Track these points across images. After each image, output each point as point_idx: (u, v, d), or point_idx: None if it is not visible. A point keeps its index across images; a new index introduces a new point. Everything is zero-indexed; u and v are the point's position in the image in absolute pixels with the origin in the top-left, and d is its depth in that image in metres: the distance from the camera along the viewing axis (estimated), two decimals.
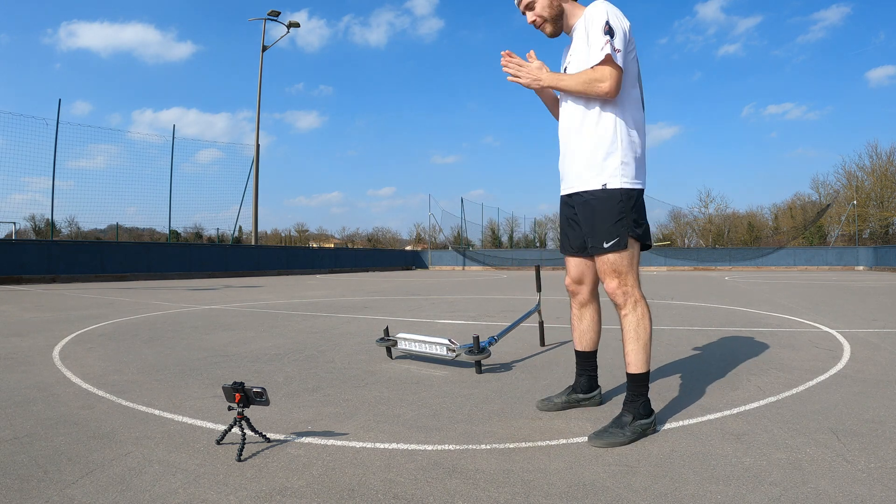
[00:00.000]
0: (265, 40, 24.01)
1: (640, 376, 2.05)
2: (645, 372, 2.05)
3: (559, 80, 2.08)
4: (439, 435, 2.03)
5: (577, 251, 2.27)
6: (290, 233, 51.05)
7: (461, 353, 3.10)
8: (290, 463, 1.76)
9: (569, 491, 1.54)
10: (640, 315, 2.06)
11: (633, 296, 2.06)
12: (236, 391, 1.86)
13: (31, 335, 4.58)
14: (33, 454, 1.82)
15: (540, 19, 2.17)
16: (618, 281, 2.05)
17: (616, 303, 2.08)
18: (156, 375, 3.04)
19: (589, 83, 2.01)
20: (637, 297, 2.07)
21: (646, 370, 2.05)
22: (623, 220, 2.04)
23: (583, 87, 2.02)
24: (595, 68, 2.00)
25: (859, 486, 1.54)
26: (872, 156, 37.38)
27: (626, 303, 2.06)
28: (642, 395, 2.04)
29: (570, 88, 2.06)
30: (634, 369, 2.05)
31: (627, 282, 2.06)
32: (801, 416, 2.21)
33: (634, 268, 2.09)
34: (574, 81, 2.04)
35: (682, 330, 4.88)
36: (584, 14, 2.11)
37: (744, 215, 42.39)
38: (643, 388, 2.05)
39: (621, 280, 2.05)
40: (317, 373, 3.12)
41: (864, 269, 26.07)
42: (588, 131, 2.09)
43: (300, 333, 4.72)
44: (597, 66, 2.00)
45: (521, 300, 8.50)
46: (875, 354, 3.58)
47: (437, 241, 40.06)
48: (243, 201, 22.88)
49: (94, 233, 24.32)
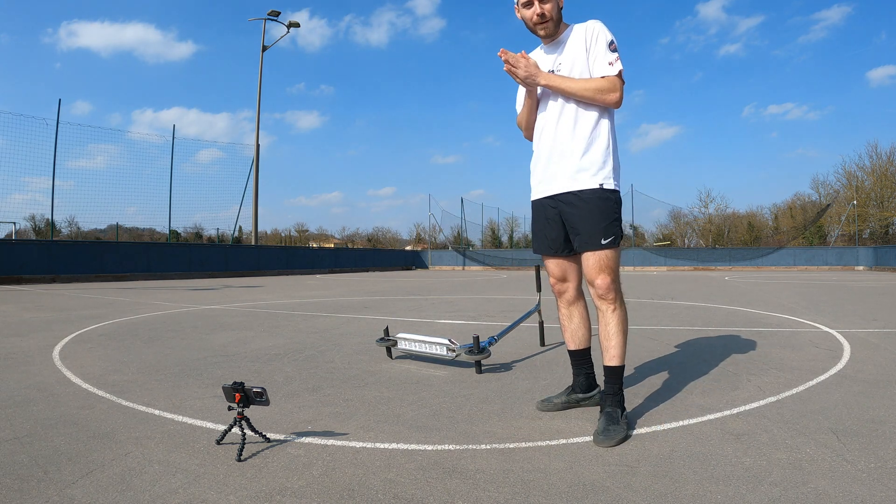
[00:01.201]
0: (265, 40, 24.04)
1: (622, 369, 2.17)
2: (624, 364, 2.19)
3: (563, 82, 2.15)
4: (439, 435, 2.03)
5: (556, 251, 2.33)
6: (290, 233, 51.06)
7: (461, 353, 3.10)
8: (290, 463, 1.76)
9: (569, 491, 1.54)
10: (624, 310, 2.19)
11: (619, 292, 2.18)
12: (236, 391, 1.86)
13: (31, 335, 4.58)
14: (33, 454, 1.82)
15: (550, 14, 2.19)
16: (610, 278, 2.14)
17: (605, 300, 2.15)
18: (156, 375, 3.04)
19: (599, 91, 2.12)
20: (621, 293, 2.19)
21: (624, 363, 2.19)
22: (618, 219, 2.17)
23: (591, 93, 2.13)
24: (607, 79, 2.12)
25: (859, 486, 1.54)
26: (872, 156, 37.44)
27: (615, 299, 2.15)
28: (622, 387, 2.17)
29: (575, 92, 2.14)
30: (618, 362, 2.16)
31: (616, 279, 2.17)
32: (801, 416, 2.21)
33: (619, 264, 2.22)
34: (580, 86, 2.14)
35: (683, 330, 4.88)
36: (584, 27, 2.22)
37: (744, 215, 42.42)
38: (622, 381, 2.17)
39: (612, 277, 2.15)
40: (317, 373, 3.12)
41: (863, 269, 26.07)
42: (583, 135, 2.17)
43: (300, 333, 4.73)
44: (609, 78, 2.12)
45: (521, 300, 8.50)
46: (875, 354, 3.58)
47: (437, 241, 40.08)
48: (243, 201, 22.93)
49: (94, 233, 24.33)
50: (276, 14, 23.56)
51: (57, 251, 15.34)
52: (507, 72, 2.19)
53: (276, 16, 23.58)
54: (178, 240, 24.37)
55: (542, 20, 2.20)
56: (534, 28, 2.24)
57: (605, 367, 2.16)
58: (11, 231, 20.35)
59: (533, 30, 2.25)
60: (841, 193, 36.99)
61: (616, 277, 2.16)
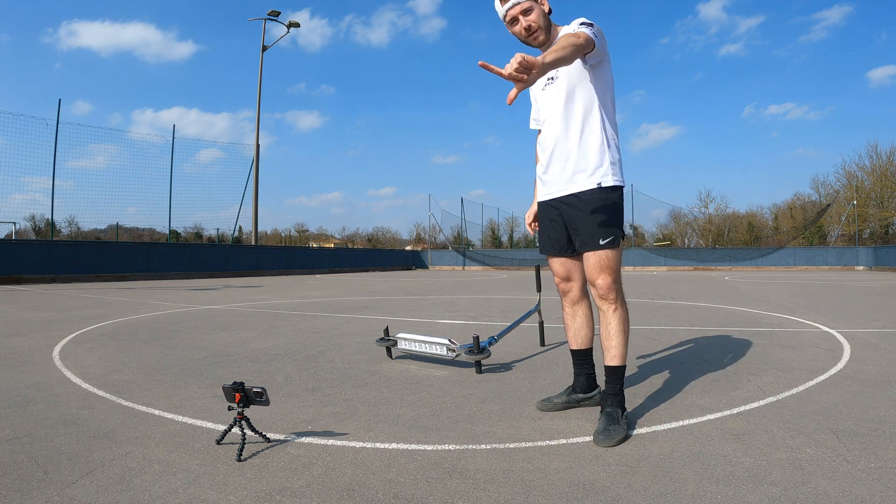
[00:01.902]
0: (265, 40, 24.03)
1: (623, 369, 2.16)
2: (625, 364, 2.18)
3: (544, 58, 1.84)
4: (439, 435, 2.03)
5: (560, 251, 2.34)
6: (290, 233, 51.04)
7: (461, 353, 3.10)
8: (290, 463, 1.76)
9: (569, 491, 1.54)
10: (625, 310, 2.17)
11: (620, 292, 2.16)
12: (236, 391, 1.86)
13: (31, 335, 4.58)
14: (33, 454, 1.82)
15: (535, 24, 2.16)
16: (611, 278, 2.13)
17: (606, 300, 2.14)
18: (156, 375, 3.04)
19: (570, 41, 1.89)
20: (622, 293, 2.18)
21: (625, 363, 2.17)
22: (617, 218, 2.14)
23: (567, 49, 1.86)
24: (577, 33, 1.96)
25: (859, 486, 1.54)
26: (872, 156, 37.40)
27: (616, 299, 2.14)
28: (623, 387, 2.16)
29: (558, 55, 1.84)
30: (619, 361, 2.14)
31: (617, 279, 2.15)
32: (801, 416, 2.21)
33: (620, 264, 2.20)
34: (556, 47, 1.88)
35: (682, 330, 4.88)
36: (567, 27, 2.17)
37: (744, 215, 42.43)
38: (622, 381, 2.16)
39: (613, 277, 2.13)
40: (317, 373, 3.12)
41: (863, 269, 26.06)
42: (576, 136, 2.16)
43: (300, 333, 4.72)
44: (579, 32, 1.96)
45: (521, 300, 8.50)
46: (875, 354, 3.58)
47: (437, 241, 40.07)
48: (243, 201, 22.92)
49: (94, 233, 24.33)
50: (276, 14, 23.56)
51: (57, 251, 15.34)
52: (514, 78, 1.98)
53: (276, 16, 23.58)
54: (178, 240, 24.37)
55: (531, 32, 2.18)
56: (526, 41, 2.22)
57: (606, 367, 2.16)
58: (11, 231, 20.37)
59: (526, 43, 2.22)
60: (841, 193, 37.02)
61: (617, 277, 2.15)
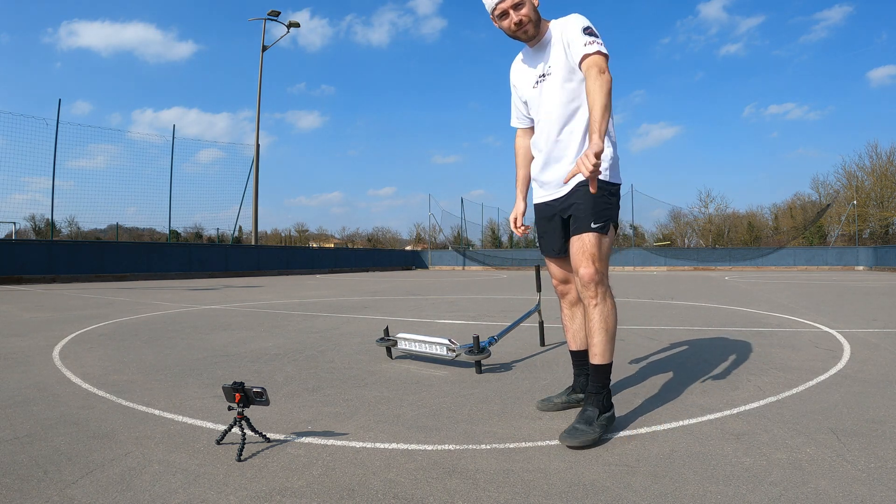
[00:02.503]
0: (265, 40, 24.04)
1: (606, 367, 2.08)
2: (610, 363, 2.09)
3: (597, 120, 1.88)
4: (439, 435, 2.03)
5: (558, 252, 2.33)
6: (290, 233, 51.02)
7: (461, 353, 3.10)
8: (290, 463, 1.76)
9: (569, 491, 1.54)
10: (609, 306, 2.08)
11: (604, 286, 2.08)
12: (236, 391, 1.86)
13: (31, 335, 4.58)
14: (33, 454, 1.82)
15: (527, 19, 2.15)
16: (594, 268, 2.05)
17: (588, 293, 2.06)
18: (156, 375, 3.04)
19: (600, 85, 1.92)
20: (607, 287, 2.10)
21: (610, 361, 2.09)
22: (612, 207, 2.13)
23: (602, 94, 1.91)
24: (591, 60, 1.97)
25: (859, 486, 1.54)
26: (872, 156, 37.38)
27: (597, 293, 2.05)
28: (606, 386, 2.07)
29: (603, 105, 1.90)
30: (601, 360, 2.07)
31: (602, 270, 2.08)
32: (801, 416, 2.21)
33: (608, 258, 2.14)
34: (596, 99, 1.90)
35: (682, 330, 4.88)
36: (561, 26, 2.15)
37: (744, 215, 42.40)
38: (607, 380, 2.08)
39: (597, 267, 2.06)
40: (317, 373, 3.12)
41: (864, 269, 26.06)
42: (568, 138, 2.16)
43: (300, 333, 4.72)
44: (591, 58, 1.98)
45: (521, 300, 8.50)
46: (875, 354, 3.58)
47: (437, 241, 40.06)
48: (243, 201, 22.93)
49: (94, 233, 24.33)
50: (277, 14, 23.56)
51: (57, 251, 15.34)
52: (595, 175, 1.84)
53: (276, 16, 23.58)
54: (178, 240, 24.36)
55: (521, 27, 2.16)
56: (514, 36, 2.20)
57: (590, 365, 2.10)
58: (11, 231, 20.38)
59: (514, 37, 2.21)
60: (841, 193, 37.00)
61: (602, 269, 2.06)
